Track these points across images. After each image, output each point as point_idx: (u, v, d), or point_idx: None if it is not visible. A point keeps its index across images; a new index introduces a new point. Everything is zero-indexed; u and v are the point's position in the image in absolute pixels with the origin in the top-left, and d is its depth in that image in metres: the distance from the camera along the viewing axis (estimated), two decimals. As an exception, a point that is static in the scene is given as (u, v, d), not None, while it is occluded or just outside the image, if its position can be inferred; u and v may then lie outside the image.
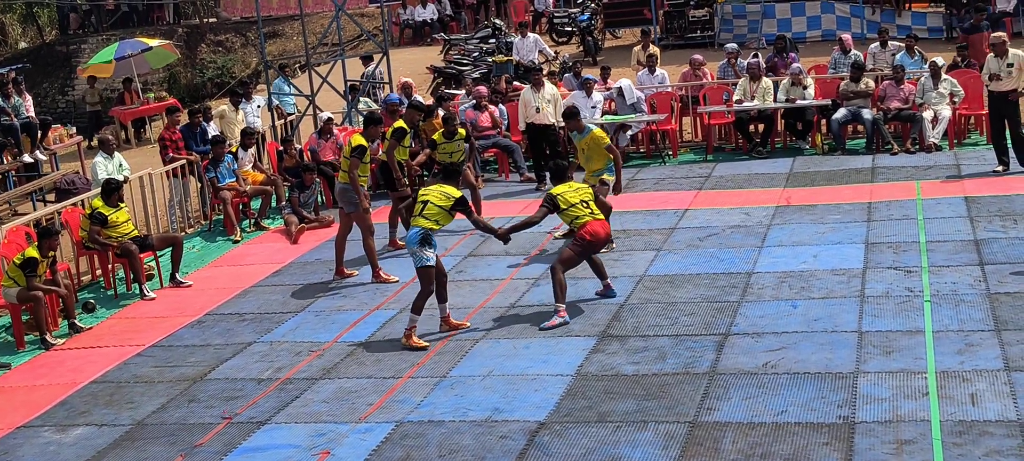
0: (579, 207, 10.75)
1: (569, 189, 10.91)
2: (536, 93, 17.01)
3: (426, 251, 10.26)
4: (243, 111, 18.12)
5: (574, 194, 10.85)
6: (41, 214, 14.05)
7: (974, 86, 17.09)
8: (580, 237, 10.69)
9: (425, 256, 10.25)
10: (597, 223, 10.76)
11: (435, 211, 10.37)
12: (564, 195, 10.80)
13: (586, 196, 10.93)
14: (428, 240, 10.29)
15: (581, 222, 10.70)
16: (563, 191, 10.85)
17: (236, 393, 9.56)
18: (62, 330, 11.86)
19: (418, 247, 10.27)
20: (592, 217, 10.75)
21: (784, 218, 13.55)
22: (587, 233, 10.66)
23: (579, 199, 10.81)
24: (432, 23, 31.72)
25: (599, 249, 10.95)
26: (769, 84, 17.75)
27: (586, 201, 10.85)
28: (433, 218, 10.35)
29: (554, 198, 10.78)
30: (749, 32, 26.76)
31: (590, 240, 10.68)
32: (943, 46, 22.75)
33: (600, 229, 10.78)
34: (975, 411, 7.85)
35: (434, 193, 10.50)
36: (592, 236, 10.68)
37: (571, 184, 11.06)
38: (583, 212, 10.73)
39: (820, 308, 10.24)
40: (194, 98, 30.11)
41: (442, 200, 10.41)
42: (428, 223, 10.33)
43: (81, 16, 38.40)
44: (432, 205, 10.38)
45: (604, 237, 10.88)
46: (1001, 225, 12.40)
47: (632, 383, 8.93)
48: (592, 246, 10.76)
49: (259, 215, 15.92)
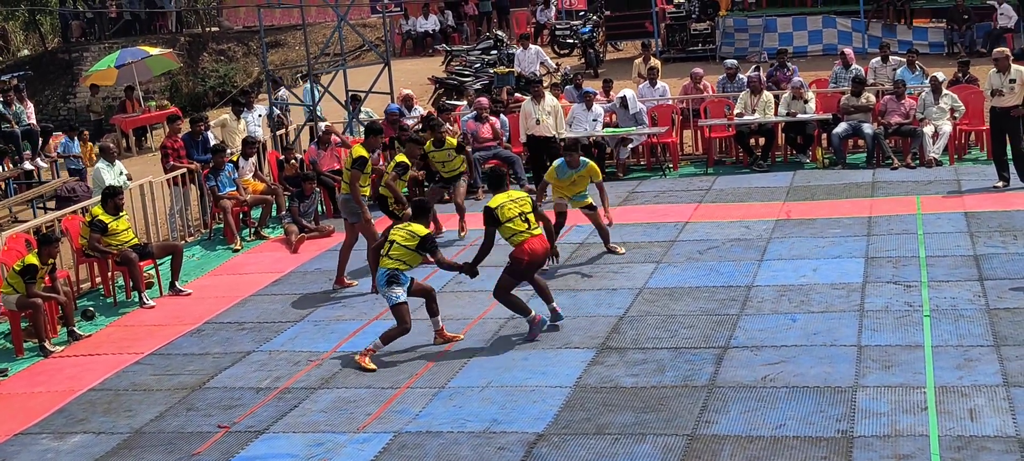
0: (517, 222, 10.23)
1: (508, 199, 10.36)
2: (536, 105, 17.02)
3: (394, 290, 10.10)
4: (244, 120, 18.14)
5: (514, 206, 10.30)
6: (41, 221, 14.06)
7: (975, 102, 17.11)
8: (516, 257, 10.25)
9: (393, 295, 10.11)
10: (535, 240, 10.27)
11: (400, 252, 10.18)
12: (503, 208, 10.26)
13: (525, 208, 10.37)
14: (395, 279, 10.12)
15: (519, 239, 10.24)
16: (502, 203, 10.30)
17: (234, 402, 9.56)
18: (61, 337, 11.86)
19: (386, 287, 10.15)
20: (530, 233, 10.26)
21: (784, 232, 13.55)
22: (524, 252, 10.22)
23: (518, 212, 10.29)
24: (434, 34, 31.78)
25: (537, 267, 10.44)
26: (770, 98, 17.77)
27: (525, 214, 10.31)
28: (398, 258, 10.17)
29: (493, 212, 10.25)
30: (750, 46, 26.80)
31: (527, 260, 10.25)
32: (944, 61, 22.78)
33: (538, 246, 10.29)
34: (974, 426, 7.84)
35: (400, 233, 10.25)
36: (529, 254, 10.24)
37: (510, 193, 10.51)
38: (521, 228, 10.23)
39: (819, 322, 10.24)
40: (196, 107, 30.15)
41: (407, 240, 10.19)
42: (393, 263, 10.15)
43: (84, 24, 38.48)
44: (397, 246, 10.21)
45: (541, 254, 10.38)
46: (1001, 240, 12.40)
47: (631, 395, 8.92)
48: (531, 266, 10.33)
49: (259, 224, 15.93)
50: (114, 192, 13.02)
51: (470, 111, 18.30)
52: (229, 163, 15.80)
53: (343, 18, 20.32)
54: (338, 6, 20.93)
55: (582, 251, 13.38)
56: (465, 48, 28.30)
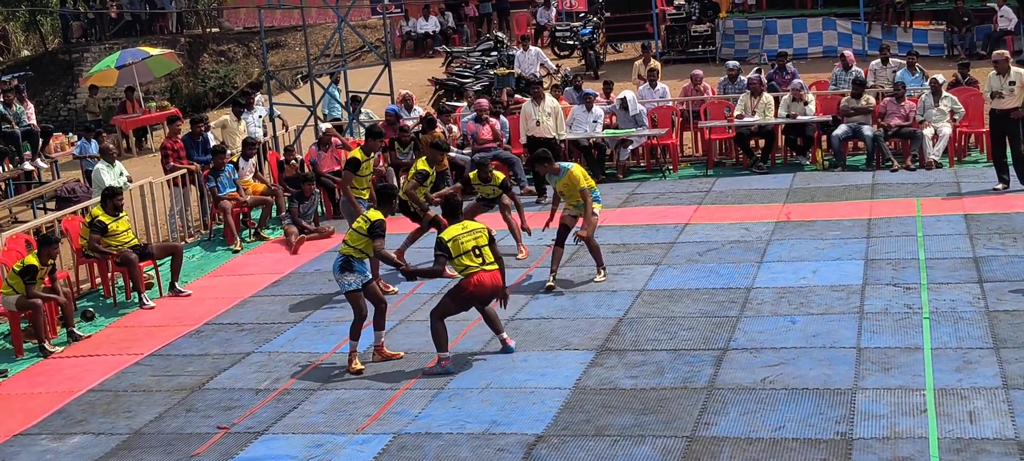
0: (470, 257, 9.82)
1: (463, 232, 9.93)
2: (537, 106, 17.03)
3: (346, 277, 10.08)
4: (244, 121, 18.14)
5: (468, 238, 9.88)
6: (41, 222, 14.06)
7: (974, 104, 17.12)
8: (462, 287, 9.87)
9: (345, 282, 10.09)
10: (485, 274, 9.86)
11: (352, 237, 10.16)
12: (457, 240, 9.85)
13: (481, 241, 9.93)
14: (348, 265, 10.09)
15: (469, 272, 9.82)
16: (457, 234, 9.89)
17: (234, 403, 9.56)
18: (61, 338, 11.86)
19: (338, 273, 10.14)
20: (481, 267, 9.84)
21: (784, 234, 13.55)
22: (471, 284, 9.82)
23: (473, 245, 9.86)
24: (434, 35, 31.78)
25: (483, 301, 10.05)
26: (770, 99, 17.77)
27: (479, 248, 9.89)
28: (351, 244, 10.14)
29: (444, 244, 9.83)
30: (750, 48, 26.80)
31: (472, 292, 9.85)
32: (944, 63, 22.78)
33: (487, 280, 9.86)
34: (973, 429, 7.84)
35: (360, 220, 10.19)
36: (476, 287, 9.82)
37: (465, 224, 10.07)
38: (473, 263, 9.82)
39: (819, 324, 10.24)
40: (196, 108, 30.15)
41: (360, 223, 10.14)
42: (347, 249, 10.13)
43: (84, 25, 38.48)
44: (351, 231, 10.19)
45: (490, 288, 9.92)
46: (1000, 243, 12.41)
47: (630, 397, 8.92)
48: (474, 297, 9.92)
49: (259, 225, 15.93)
50: (113, 193, 13.02)
51: (470, 112, 18.30)
52: (229, 164, 15.80)
53: (343, 19, 20.33)
54: (338, 7, 20.91)
55: (581, 252, 13.37)
56: (465, 49, 28.30)
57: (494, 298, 10.11)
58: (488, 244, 9.99)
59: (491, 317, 10.23)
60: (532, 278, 12.62)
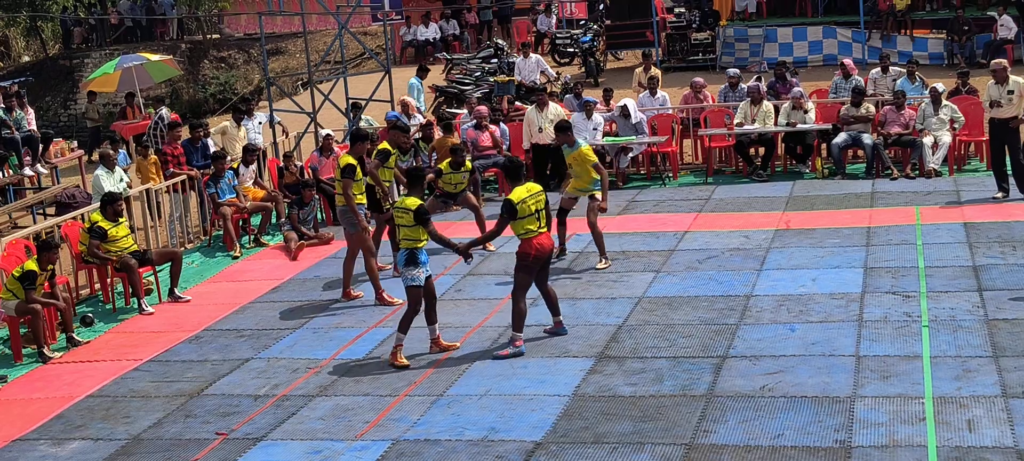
0: (532, 219, 10.25)
1: (527, 193, 10.34)
2: (540, 113, 17.04)
3: (412, 271, 10.17)
4: (245, 127, 18.15)
5: (532, 201, 10.31)
6: (41, 227, 14.05)
7: (974, 113, 17.13)
8: (524, 252, 10.30)
9: (410, 276, 10.18)
10: (544, 237, 10.36)
11: (405, 232, 10.26)
12: (524, 202, 10.24)
13: (540, 204, 10.39)
14: (414, 259, 10.19)
15: (529, 236, 10.27)
16: (523, 197, 10.28)
17: (233, 409, 9.56)
18: (60, 343, 11.86)
19: (405, 266, 10.22)
20: (540, 230, 10.32)
21: (783, 242, 13.56)
22: (532, 248, 10.28)
23: (534, 209, 10.30)
24: (435, 42, 31.81)
25: (545, 263, 10.51)
26: (770, 107, 17.79)
27: (540, 211, 10.35)
28: (408, 238, 10.25)
29: (512, 205, 10.22)
30: (751, 56, 26.84)
31: (536, 254, 10.30)
32: (944, 72, 22.80)
33: (547, 242, 10.41)
34: (972, 437, 7.84)
35: (399, 212, 10.30)
36: (538, 249, 10.30)
37: (529, 186, 10.46)
38: (534, 226, 10.27)
39: (818, 332, 10.24)
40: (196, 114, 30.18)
41: (403, 217, 10.24)
42: (408, 243, 10.25)
43: (85, 30, 38.53)
44: (401, 227, 10.29)
45: (549, 250, 10.48)
46: (1000, 251, 12.41)
47: (629, 405, 8.92)
48: (537, 260, 10.35)
49: (259, 231, 15.93)
50: (113, 198, 13.02)
51: (470, 119, 18.31)
52: (229, 170, 15.81)
53: (344, 26, 20.33)
54: (339, 14, 20.93)
55: (581, 260, 13.38)
56: (466, 56, 28.32)
57: (549, 263, 10.64)
58: (545, 207, 10.49)
59: (552, 299, 10.72)
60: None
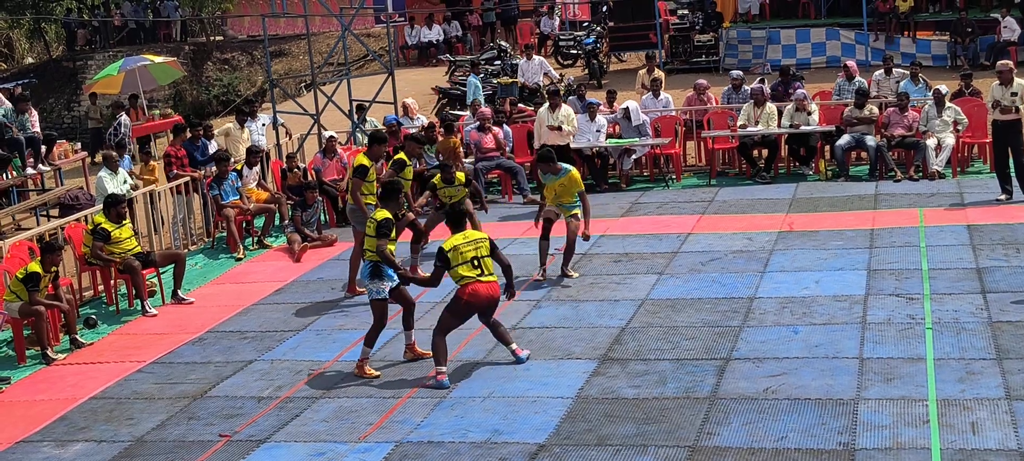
0: (466, 267, 9.74)
1: (463, 241, 9.84)
2: (552, 114, 17.05)
3: (375, 283, 10.07)
4: (248, 129, 18.16)
5: (468, 248, 9.79)
6: (45, 229, 14.07)
7: (978, 114, 17.11)
8: (458, 297, 9.81)
9: (375, 289, 10.08)
10: (481, 285, 9.76)
11: (368, 241, 10.15)
12: (457, 249, 9.77)
13: (482, 251, 9.83)
14: (377, 272, 10.06)
15: (465, 283, 9.75)
16: (456, 244, 9.80)
17: (236, 411, 9.56)
18: (63, 345, 11.86)
19: (368, 280, 10.13)
20: (478, 279, 9.75)
21: (786, 244, 13.55)
22: (465, 293, 9.74)
23: (473, 255, 9.78)
24: (438, 44, 31.82)
25: (481, 310, 9.90)
26: (773, 109, 17.78)
27: (480, 258, 9.80)
28: (369, 248, 10.13)
29: (445, 254, 9.77)
30: (754, 58, 26.84)
31: (467, 300, 9.74)
32: (947, 74, 22.79)
33: (482, 291, 9.77)
34: (976, 439, 7.83)
35: (370, 225, 10.15)
36: (471, 296, 9.73)
37: (467, 234, 9.98)
38: (469, 274, 9.73)
39: (821, 334, 10.23)
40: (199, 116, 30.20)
41: (370, 229, 10.12)
42: (371, 256, 10.11)
43: (89, 33, 38.57)
44: (367, 237, 10.19)
45: (485, 298, 9.79)
46: (1003, 254, 12.40)
47: (632, 407, 8.92)
48: (470, 307, 9.81)
49: (262, 233, 15.94)
50: (116, 200, 13.03)
51: (473, 121, 18.31)
52: (232, 172, 15.82)
53: (347, 28, 20.34)
54: (342, 16, 20.94)
55: (584, 261, 13.38)
56: (469, 58, 28.34)
57: (491, 309, 9.98)
58: (490, 254, 9.92)
59: (500, 333, 10.14)
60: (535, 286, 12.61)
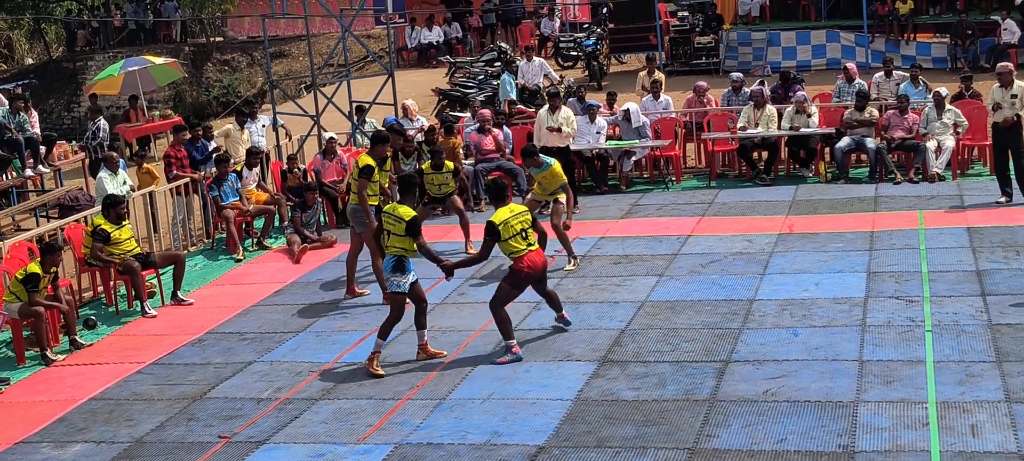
0: (518, 239, 10.23)
1: (511, 214, 10.32)
2: (552, 115, 17.04)
3: (397, 277, 10.18)
4: (248, 130, 18.16)
5: (516, 221, 10.28)
6: (44, 230, 14.07)
7: (978, 117, 17.11)
8: (515, 270, 10.28)
9: (397, 282, 10.18)
10: (534, 254, 10.35)
11: (395, 239, 10.23)
12: (507, 223, 10.23)
13: (526, 223, 10.35)
14: (401, 266, 10.18)
15: (518, 255, 10.24)
16: (505, 218, 10.27)
17: (235, 412, 9.56)
18: (63, 346, 11.86)
19: (391, 273, 10.22)
20: (529, 249, 10.29)
21: (786, 246, 13.54)
22: (523, 265, 10.25)
23: (519, 230, 10.27)
24: (438, 45, 31.82)
25: (537, 280, 10.50)
26: (773, 112, 17.77)
27: (525, 231, 10.31)
28: (398, 245, 10.22)
29: (495, 228, 10.21)
30: (754, 60, 26.83)
31: (527, 273, 10.28)
32: (948, 76, 22.79)
33: (538, 260, 10.38)
34: (975, 442, 7.83)
35: (390, 220, 10.27)
36: (529, 268, 10.28)
37: (512, 207, 10.45)
38: (520, 246, 10.24)
39: (821, 336, 10.23)
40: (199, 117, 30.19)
41: (395, 225, 10.22)
42: (396, 250, 10.24)
43: (89, 33, 38.56)
44: (391, 234, 10.26)
45: (541, 267, 10.45)
46: (1003, 256, 12.39)
47: (632, 409, 8.91)
48: (529, 279, 10.35)
49: (262, 234, 15.93)
50: (115, 201, 13.03)
51: (473, 123, 18.31)
52: (232, 173, 15.81)
53: (347, 29, 20.35)
54: (342, 17, 20.94)
55: (584, 263, 13.38)
56: (469, 60, 28.34)
57: (545, 277, 10.63)
58: (532, 225, 10.52)
59: (551, 296, 10.76)
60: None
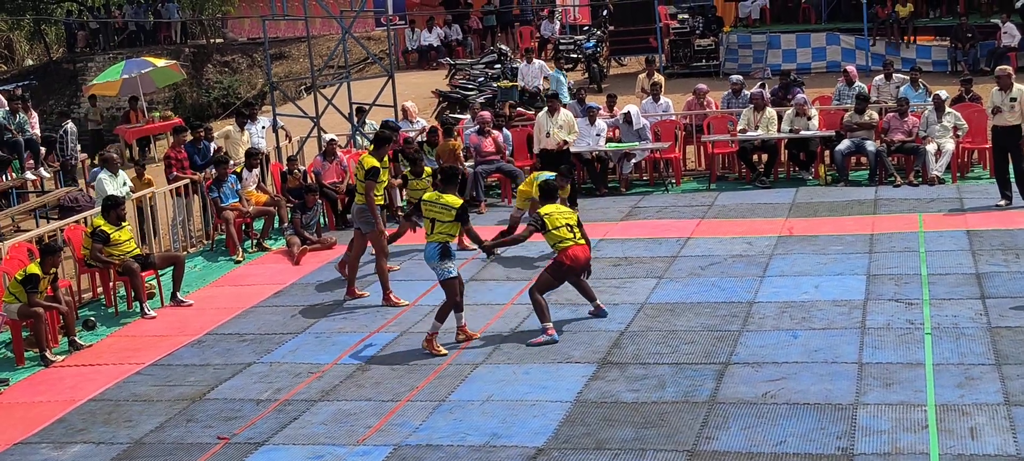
0: (564, 230, 10.83)
1: (556, 211, 11.00)
2: (551, 119, 17.04)
3: (446, 264, 10.57)
4: (248, 132, 18.16)
5: (560, 217, 10.93)
6: (44, 231, 14.06)
7: (978, 120, 17.12)
8: (558, 261, 10.87)
9: (445, 269, 10.57)
10: (578, 248, 10.88)
11: (442, 227, 10.66)
12: (552, 217, 10.90)
13: (571, 220, 10.99)
14: (448, 252, 10.58)
15: (563, 246, 10.81)
16: (551, 212, 10.94)
17: (235, 413, 9.55)
18: (62, 347, 11.85)
19: (438, 260, 10.57)
20: (574, 242, 10.84)
21: (786, 248, 13.54)
22: (567, 257, 10.81)
23: (564, 222, 10.89)
24: (438, 48, 31.83)
25: (577, 274, 11.04)
26: (773, 114, 17.77)
27: (571, 225, 10.92)
28: (445, 232, 10.65)
29: (542, 218, 10.89)
30: (754, 62, 26.84)
31: (569, 265, 10.84)
32: (947, 79, 22.79)
33: (581, 254, 10.91)
34: (974, 445, 7.83)
35: (436, 208, 10.73)
36: (572, 260, 10.83)
37: (558, 206, 11.15)
38: (567, 236, 10.83)
39: (820, 339, 10.23)
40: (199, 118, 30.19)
41: (443, 213, 10.70)
42: (440, 236, 10.65)
43: (89, 34, 38.57)
44: (439, 222, 10.68)
45: (584, 262, 11.02)
46: (1003, 259, 12.39)
47: (631, 411, 8.91)
48: (571, 270, 10.90)
49: (261, 236, 15.93)
50: (115, 202, 13.02)
51: (473, 125, 18.31)
52: (232, 174, 15.81)
53: (348, 31, 20.35)
54: (343, 19, 20.95)
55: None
56: (469, 62, 28.34)
57: (586, 270, 11.16)
58: (578, 225, 11.00)
59: (585, 290, 11.20)
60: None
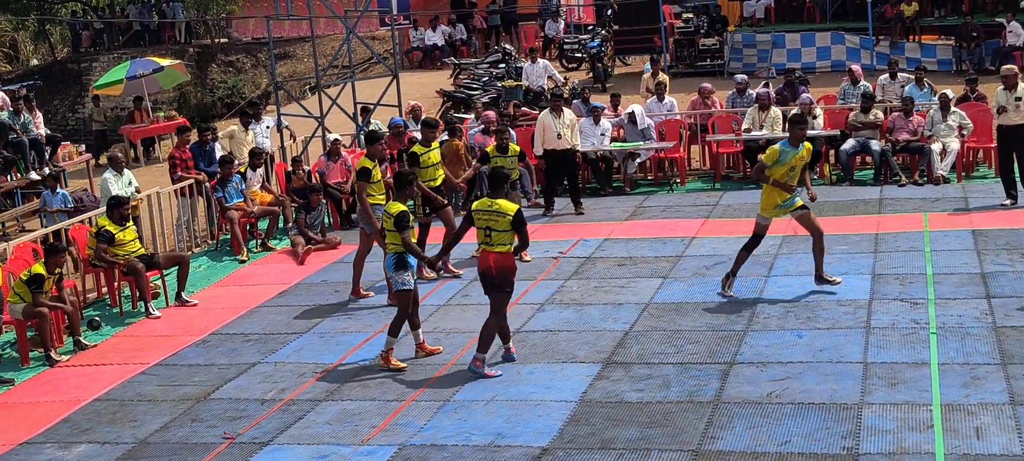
0: (481, 234, 9.85)
1: (483, 207, 9.83)
2: (556, 119, 17.00)
3: (401, 275, 10.22)
4: (252, 132, 18.17)
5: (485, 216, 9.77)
6: (49, 231, 14.07)
7: (983, 119, 17.09)
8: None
9: (399, 280, 10.23)
10: (486, 255, 9.84)
11: (390, 236, 10.34)
12: (478, 213, 9.84)
13: (494, 224, 9.74)
14: (403, 263, 10.23)
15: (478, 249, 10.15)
16: (478, 208, 9.88)
17: (239, 413, 9.56)
18: (67, 347, 11.87)
19: (394, 271, 10.26)
20: (483, 247, 9.87)
21: (791, 248, 13.53)
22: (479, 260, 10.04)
23: (485, 225, 9.79)
24: (442, 47, 31.83)
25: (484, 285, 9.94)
26: (778, 114, 17.75)
27: (491, 229, 9.75)
28: (395, 242, 10.28)
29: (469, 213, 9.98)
30: (759, 62, 26.83)
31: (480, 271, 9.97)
32: (953, 79, 22.75)
33: (482, 263, 9.91)
34: (980, 444, 7.82)
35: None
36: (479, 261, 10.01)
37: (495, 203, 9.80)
38: (482, 240, 9.87)
39: (825, 338, 10.22)
40: (204, 118, 30.22)
41: (386, 220, 10.37)
42: (394, 248, 10.29)
43: (93, 34, 38.61)
44: (388, 233, 10.36)
45: (483, 270, 9.88)
46: (1008, 258, 12.37)
47: (636, 411, 8.90)
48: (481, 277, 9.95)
49: (266, 236, 15.94)
50: (119, 202, 13.03)
51: (478, 124, 18.30)
52: (236, 174, 15.82)
53: (352, 31, 20.36)
54: (347, 18, 20.95)
55: (588, 265, 13.37)
56: (473, 61, 28.35)
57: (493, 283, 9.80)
58: (510, 229, 9.68)
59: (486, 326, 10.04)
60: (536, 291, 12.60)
